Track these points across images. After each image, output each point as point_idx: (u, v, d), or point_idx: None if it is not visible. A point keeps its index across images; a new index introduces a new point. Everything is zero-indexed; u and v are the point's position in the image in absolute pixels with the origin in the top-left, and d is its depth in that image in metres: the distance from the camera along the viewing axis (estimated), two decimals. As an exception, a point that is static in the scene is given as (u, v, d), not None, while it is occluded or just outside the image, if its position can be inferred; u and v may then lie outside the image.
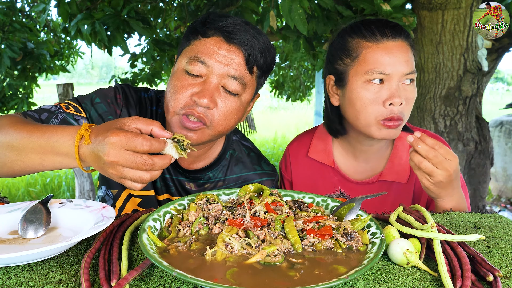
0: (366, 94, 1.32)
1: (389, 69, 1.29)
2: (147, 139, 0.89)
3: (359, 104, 1.34)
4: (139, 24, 3.32)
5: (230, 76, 1.18)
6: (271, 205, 1.00)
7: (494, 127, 6.51)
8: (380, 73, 1.30)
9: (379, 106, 1.31)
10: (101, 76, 46.83)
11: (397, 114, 1.31)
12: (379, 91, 1.31)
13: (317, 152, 1.57)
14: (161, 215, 0.98)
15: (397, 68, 1.29)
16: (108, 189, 1.43)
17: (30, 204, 1.06)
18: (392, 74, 1.29)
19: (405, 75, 1.31)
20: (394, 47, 1.31)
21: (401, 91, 1.31)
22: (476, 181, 3.57)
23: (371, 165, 1.51)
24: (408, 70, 1.31)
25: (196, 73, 1.18)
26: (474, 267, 0.84)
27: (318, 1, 2.91)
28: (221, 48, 1.18)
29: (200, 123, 1.18)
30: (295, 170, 1.60)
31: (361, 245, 0.87)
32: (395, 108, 1.30)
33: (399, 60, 1.29)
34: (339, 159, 1.55)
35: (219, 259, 0.80)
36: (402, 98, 1.30)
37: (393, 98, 1.29)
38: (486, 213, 1.24)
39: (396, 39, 1.32)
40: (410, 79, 1.33)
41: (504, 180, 6.45)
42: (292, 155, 1.62)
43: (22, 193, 6.47)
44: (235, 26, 1.19)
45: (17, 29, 4.20)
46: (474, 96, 3.32)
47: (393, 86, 1.30)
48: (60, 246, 0.81)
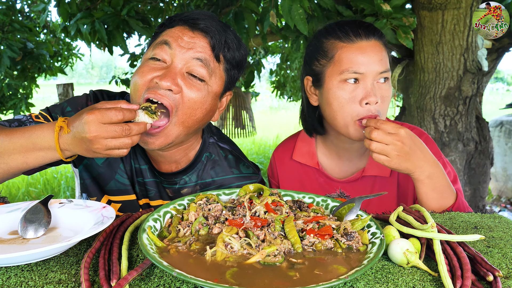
0: (342, 93, 1.34)
1: (363, 68, 1.31)
2: (118, 109, 1.01)
3: (336, 104, 1.36)
4: (139, 24, 3.32)
5: (195, 59, 1.15)
6: (271, 205, 1.00)
7: (494, 127, 6.51)
8: (354, 72, 1.32)
9: (356, 105, 1.33)
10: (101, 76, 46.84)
11: (374, 113, 1.33)
12: (355, 90, 1.33)
13: (301, 155, 1.60)
14: (161, 215, 0.98)
15: (371, 67, 1.31)
16: (88, 197, 1.41)
17: (30, 204, 1.06)
18: (366, 73, 1.32)
19: (379, 74, 1.33)
20: (368, 47, 1.33)
21: (376, 89, 1.33)
22: (476, 181, 3.57)
23: (354, 163, 1.54)
24: (382, 68, 1.33)
25: (160, 57, 1.16)
26: (474, 267, 0.84)
27: (318, 1, 2.91)
28: (185, 34, 1.17)
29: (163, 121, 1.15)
30: (281, 174, 1.63)
31: (361, 245, 0.87)
32: (371, 107, 1.32)
33: (373, 59, 1.32)
34: (323, 160, 1.58)
35: (219, 259, 0.80)
36: (378, 97, 1.32)
37: (368, 97, 1.31)
38: (486, 213, 1.24)
39: (369, 38, 1.34)
40: (385, 78, 1.35)
41: (504, 180, 6.45)
42: (278, 160, 1.65)
43: (23, 193, 6.47)
44: (200, 15, 1.20)
45: (16, 29, 4.20)
46: (474, 96, 3.32)
47: (368, 85, 1.32)
48: (60, 246, 0.81)
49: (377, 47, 1.34)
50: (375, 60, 1.32)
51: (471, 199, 3.61)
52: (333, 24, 1.42)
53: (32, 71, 4.94)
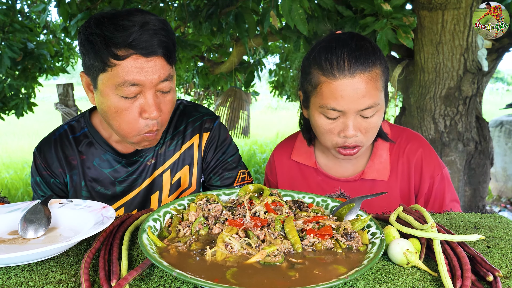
0: (322, 123, 1.34)
1: (342, 106, 1.28)
2: None
3: (317, 130, 1.38)
4: (139, 24, 3.31)
5: (162, 81, 1.22)
6: (271, 205, 1.00)
7: (494, 127, 6.51)
8: (332, 109, 1.29)
9: (335, 136, 1.34)
10: (101, 76, 46.87)
11: (352, 143, 1.33)
12: (333, 123, 1.32)
13: (299, 155, 1.61)
14: (161, 215, 0.98)
15: (350, 106, 1.27)
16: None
17: (30, 204, 1.06)
18: (345, 111, 1.28)
19: (361, 111, 1.29)
20: (350, 84, 1.27)
21: (359, 123, 1.31)
22: (476, 181, 3.57)
23: (353, 164, 1.55)
24: (365, 105, 1.28)
25: (133, 94, 1.21)
26: (474, 267, 0.84)
27: (318, 1, 2.91)
28: (142, 65, 1.18)
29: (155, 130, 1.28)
30: (280, 174, 1.65)
31: (361, 245, 0.87)
32: (349, 139, 1.32)
33: (353, 98, 1.27)
34: (321, 159, 1.59)
35: (219, 259, 0.80)
36: (358, 131, 1.31)
37: (346, 131, 1.30)
38: (486, 213, 1.24)
39: (354, 74, 1.27)
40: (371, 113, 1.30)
41: (504, 180, 6.45)
42: (277, 159, 1.67)
43: (22, 193, 6.47)
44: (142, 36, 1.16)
45: (17, 29, 4.20)
46: (474, 96, 3.32)
47: (348, 120, 1.30)
48: (60, 246, 0.81)
49: (362, 83, 1.27)
50: (356, 98, 1.27)
51: (471, 199, 3.61)
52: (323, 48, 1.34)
53: (32, 71, 4.94)
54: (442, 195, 1.48)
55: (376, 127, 1.35)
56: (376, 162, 1.51)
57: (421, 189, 1.48)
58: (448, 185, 1.50)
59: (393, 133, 1.55)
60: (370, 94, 1.28)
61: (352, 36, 1.34)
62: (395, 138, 1.53)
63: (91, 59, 1.21)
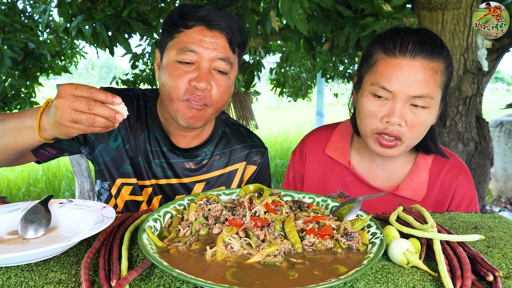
0: (369, 105, 1.29)
1: (393, 86, 1.23)
2: (92, 89, 1.03)
3: (361, 113, 1.32)
4: (139, 25, 3.32)
5: (219, 59, 1.30)
6: (271, 205, 1.00)
7: (494, 127, 6.51)
8: (383, 88, 1.25)
9: (377, 120, 1.28)
10: (101, 76, 46.87)
11: (393, 131, 1.26)
12: (381, 106, 1.27)
13: (334, 150, 1.55)
14: (161, 215, 0.98)
15: (402, 88, 1.22)
16: (103, 182, 1.50)
17: (30, 204, 1.06)
18: (396, 93, 1.23)
19: (412, 98, 1.23)
20: (407, 66, 1.23)
21: (407, 112, 1.25)
22: (476, 181, 3.57)
23: (388, 174, 1.47)
24: (417, 92, 1.22)
25: (188, 61, 1.29)
26: (474, 267, 0.84)
27: (318, 1, 2.90)
28: (205, 35, 1.29)
29: (202, 103, 1.31)
30: (310, 165, 1.58)
31: (361, 245, 0.87)
32: (391, 126, 1.26)
33: (407, 80, 1.22)
34: (356, 160, 1.52)
35: (219, 259, 0.80)
36: (403, 120, 1.24)
37: (390, 117, 1.24)
38: (486, 213, 1.24)
39: (415, 57, 1.23)
40: (422, 104, 1.24)
41: (504, 180, 6.45)
42: (309, 149, 1.60)
43: (23, 193, 6.47)
44: (212, 13, 1.30)
45: (17, 29, 4.20)
46: (474, 96, 3.32)
47: (396, 105, 1.24)
48: (60, 246, 0.81)
49: (420, 69, 1.22)
50: (410, 81, 1.22)
51: (471, 199, 3.61)
52: (392, 29, 1.32)
53: (33, 71, 4.94)
54: None
55: (424, 125, 1.28)
56: (414, 181, 1.43)
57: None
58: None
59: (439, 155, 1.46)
60: (426, 83, 1.23)
61: (423, 28, 1.34)
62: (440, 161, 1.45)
63: (166, 33, 1.35)
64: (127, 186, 1.48)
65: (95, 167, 1.50)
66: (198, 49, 1.28)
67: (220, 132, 1.57)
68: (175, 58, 1.30)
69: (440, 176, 1.44)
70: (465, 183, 1.44)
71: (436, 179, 1.44)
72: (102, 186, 1.50)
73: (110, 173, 1.47)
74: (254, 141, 1.60)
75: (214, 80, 1.31)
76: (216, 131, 1.55)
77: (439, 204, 1.44)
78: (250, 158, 1.57)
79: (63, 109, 1.01)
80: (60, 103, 1.01)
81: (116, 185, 1.48)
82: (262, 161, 1.60)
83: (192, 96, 1.29)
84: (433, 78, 1.25)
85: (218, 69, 1.31)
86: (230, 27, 1.32)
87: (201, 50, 1.28)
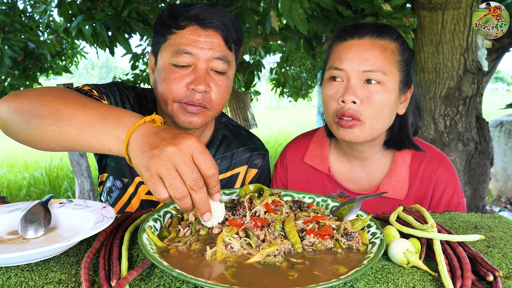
0: (327, 90, 1.34)
1: (344, 64, 1.29)
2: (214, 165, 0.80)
3: (323, 102, 1.38)
4: (139, 25, 3.32)
5: (216, 58, 1.26)
6: (271, 205, 1.00)
7: (494, 127, 6.51)
8: (336, 69, 1.31)
9: (335, 102, 1.32)
10: (101, 76, 46.87)
11: (349, 111, 1.28)
12: (336, 87, 1.32)
13: (313, 158, 1.54)
14: (161, 215, 0.98)
15: (352, 64, 1.28)
16: (116, 180, 1.47)
17: (30, 204, 1.06)
18: (347, 70, 1.29)
19: (363, 73, 1.28)
20: (355, 45, 1.30)
21: (359, 89, 1.29)
22: (476, 181, 3.56)
23: (367, 175, 1.48)
24: (367, 67, 1.27)
25: (184, 63, 1.25)
26: (474, 267, 0.84)
27: (318, 1, 2.90)
28: (200, 35, 1.25)
29: (200, 106, 1.27)
30: (291, 174, 1.58)
31: (361, 245, 0.87)
32: (346, 105, 1.29)
33: (357, 57, 1.28)
34: (335, 165, 1.52)
35: (219, 259, 0.80)
36: (358, 97, 1.27)
37: (345, 95, 1.28)
38: (486, 213, 1.24)
39: (362, 37, 1.31)
40: (373, 79, 1.28)
41: (504, 180, 6.44)
42: (289, 158, 1.60)
43: (24, 194, 6.47)
44: (204, 11, 1.26)
45: (17, 29, 4.20)
46: (474, 96, 3.32)
47: (349, 83, 1.29)
48: (60, 246, 0.81)
49: (368, 46, 1.29)
50: (360, 58, 1.28)
51: (471, 199, 3.60)
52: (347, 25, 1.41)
53: (33, 71, 4.94)
54: None
55: (380, 103, 1.29)
56: (394, 179, 1.43)
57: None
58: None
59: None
60: (375, 58, 1.29)
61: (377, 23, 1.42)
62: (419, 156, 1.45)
63: (158, 35, 1.30)
64: (144, 185, 1.46)
65: (110, 163, 1.46)
66: (193, 50, 1.24)
67: (220, 136, 1.54)
68: (170, 61, 1.26)
69: (419, 171, 1.43)
70: (445, 175, 1.42)
71: (415, 175, 1.43)
72: (115, 184, 1.47)
73: (130, 171, 1.44)
74: (256, 143, 1.58)
75: (212, 81, 1.27)
76: (216, 135, 1.52)
77: (421, 199, 1.42)
78: (251, 161, 1.56)
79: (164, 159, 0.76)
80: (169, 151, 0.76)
81: (135, 183, 1.46)
82: (263, 164, 1.58)
83: (190, 101, 1.25)
84: (383, 54, 1.30)
85: (215, 69, 1.28)
86: (225, 24, 1.27)
87: (197, 51, 1.24)
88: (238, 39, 1.34)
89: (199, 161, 0.78)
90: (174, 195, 0.77)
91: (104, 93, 1.32)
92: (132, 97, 1.42)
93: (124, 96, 1.40)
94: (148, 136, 0.81)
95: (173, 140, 0.77)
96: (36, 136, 0.94)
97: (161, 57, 1.29)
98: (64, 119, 0.90)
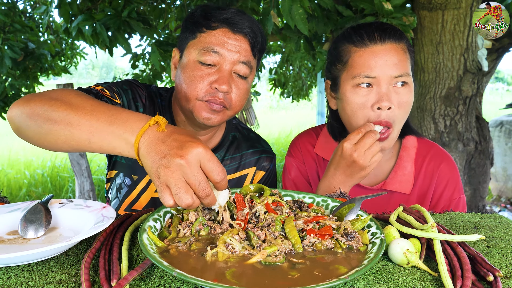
0: (355, 98, 1.32)
1: (376, 72, 1.29)
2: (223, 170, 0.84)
3: (349, 109, 1.35)
4: (140, 25, 3.32)
5: (241, 62, 1.31)
6: (271, 205, 1.00)
7: (494, 127, 6.51)
8: (366, 77, 1.30)
9: (368, 110, 1.31)
10: (101, 76, 46.89)
11: (385, 119, 1.29)
12: (368, 95, 1.30)
13: (323, 149, 1.58)
14: (161, 215, 0.98)
15: (384, 71, 1.28)
16: (125, 176, 1.48)
17: (30, 204, 1.06)
18: (379, 77, 1.29)
19: (394, 78, 1.29)
20: (381, 51, 1.30)
21: (392, 94, 1.29)
22: (476, 181, 3.56)
23: (374, 170, 1.50)
24: (397, 73, 1.29)
25: (211, 62, 1.29)
26: (474, 267, 0.84)
27: (318, 1, 2.91)
28: (229, 38, 1.30)
29: (221, 106, 1.31)
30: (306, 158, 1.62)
31: (361, 245, 0.87)
32: (383, 112, 1.29)
33: (386, 63, 1.28)
34: None
35: (220, 260, 0.80)
36: (392, 102, 1.29)
37: (380, 102, 1.28)
38: (486, 213, 1.24)
39: (384, 42, 1.31)
40: (402, 82, 1.30)
41: (504, 180, 6.45)
42: (302, 146, 1.63)
43: (24, 194, 6.47)
44: (237, 17, 1.31)
45: (17, 29, 4.20)
46: (474, 96, 3.32)
47: (382, 89, 1.29)
48: (60, 246, 0.81)
49: (392, 51, 1.30)
50: (389, 63, 1.29)
51: (471, 199, 3.61)
52: (350, 28, 1.40)
53: (33, 71, 4.94)
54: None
55: (409, 104, 1.33)
56: (399, 173, 1.47)
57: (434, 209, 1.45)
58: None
59: (421, 146, 1.51)
60: (402, 63, 1.31)
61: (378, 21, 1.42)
62: (422, 152, 1.49)
63: (187, 32, 1.35)
64: None
65: (121, 161, 1.48)
66: (221, 51, 1.28)
67: (230, 137, 1.58)
68: (196, 58, 1.30)
69: (423, 167, 1.48)
70: (447, 171, 1.47)
71: (419, 170, 1.48)
72: (124, 181, 1.48)
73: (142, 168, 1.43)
74: (264, 146, 1.62)
75: (234, 83, 1.32)
76: (226, 136, 1.56)
77: (424, 194, 1.47)
78: (259, 164, 1.59)
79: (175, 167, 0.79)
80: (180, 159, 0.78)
81: (145, 180, 1.47)
82: (271, 167, 1.61)
83: (213, 98, 1.29)
84: (405, 58, 1.33)
85: (238, 72, 1.32)
86: (254, 32, 1.33)
87: (224, 52, 1.28)
88: (262, 48, 1.39)
89: (207, 169, 0.82)
90: (179, 204, 0.81)
91: (116, 92, 1.36)
92: (144, 95, 1.45)
93: (136, 94, 1.43)
94: (155, 143, 0.83)
95: (180, 150, 0.80)
96: (49, 140, 0.97)
97: (187, 53, 1.33)
98: (74, 124, 0.92)
